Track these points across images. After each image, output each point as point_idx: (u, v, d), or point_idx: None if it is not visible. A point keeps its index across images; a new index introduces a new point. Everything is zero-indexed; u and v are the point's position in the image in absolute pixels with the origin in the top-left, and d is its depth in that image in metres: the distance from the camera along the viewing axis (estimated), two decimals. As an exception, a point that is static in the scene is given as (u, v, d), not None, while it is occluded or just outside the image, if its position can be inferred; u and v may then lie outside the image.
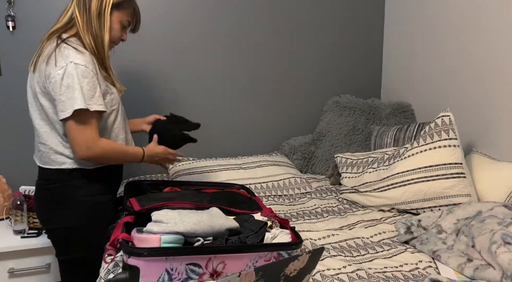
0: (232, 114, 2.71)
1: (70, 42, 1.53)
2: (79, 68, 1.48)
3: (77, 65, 1.48)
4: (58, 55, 1.50)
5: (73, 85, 1.47)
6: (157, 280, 1.21)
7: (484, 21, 2.21)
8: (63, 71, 1.47)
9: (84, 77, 1.49)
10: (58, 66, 1.48)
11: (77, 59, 1.49)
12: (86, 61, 1.51)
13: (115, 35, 1.65)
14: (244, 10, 2.63)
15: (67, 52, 1.50)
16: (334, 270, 1.48)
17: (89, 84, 1.50)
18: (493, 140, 2.19)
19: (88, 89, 1.49)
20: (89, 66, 1.51)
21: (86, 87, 1.49)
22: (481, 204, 1.77)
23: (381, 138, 2.54)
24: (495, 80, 2.17)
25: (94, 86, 1.51)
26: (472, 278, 1.46)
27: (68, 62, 1.48)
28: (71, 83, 1.47)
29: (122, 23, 1.65)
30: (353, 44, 2.89)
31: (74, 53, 1.50)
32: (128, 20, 1.67)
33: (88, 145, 1.52)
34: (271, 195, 2.31)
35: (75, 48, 1.52)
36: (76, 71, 1.47)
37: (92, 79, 1.51)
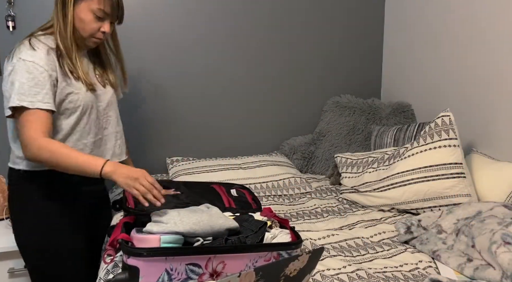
0: (232, 114, 2.71)
1: (34, 38, 1.49)
2: (26, 64, 1.41)
3: (24, 62, 1.42)
4: (16, 51, 1.46)
5: (14, 82, 1.41)
6: (157, 280, 1.21)
7: (484, 22, 2.20)
8: (12, 67, 1.43)
9: (29, 72, 1.41)
10: (10, 63, 1.45)
11: (26, 55, 1.42)
12: (37, 57, 1.43)
13: (87, 27, 1.50)
14: (244, 10, 2.63)
15: (21, 48, 1.45)
16: (334, 270, 1.48)
17: (33, 80, 1.41)
18: (493, 140, 2.19)
19: (31, 85, 1.41)
20: (39, 62, 1.43)
21: (29, 83, 1.41)
22: (481, 204, 1.77)
23: (381, 138, 2.54)
24: (495, 80, 2.16)
25: (40, 82, 1.42)
26: (472, 278, 1.46)
27: (18, 58, 1.43)
28: (14, 79, 1.41)
29: (95, 12, 1.49)
30: (353, 44, 2.89)
31: (26, 49, 1.44)
32: (100, 8, 1.49)
33: (25, 144, 1.41)
34: (271, 195, 2.31)
35: (32, 44, 1.45)
36: (21, 67, 1.41)
37: (40, 75, 1.42)
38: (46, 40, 1.50)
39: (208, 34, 2.59)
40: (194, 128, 2.65)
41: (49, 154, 1.38)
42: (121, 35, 1.76)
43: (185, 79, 2.59)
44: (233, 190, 1.83)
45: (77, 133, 1.56)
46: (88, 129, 1.58)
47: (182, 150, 2.64)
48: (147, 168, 2.48)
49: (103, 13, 1.50)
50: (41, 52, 1.45)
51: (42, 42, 1.49)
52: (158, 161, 2.59)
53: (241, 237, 1.33)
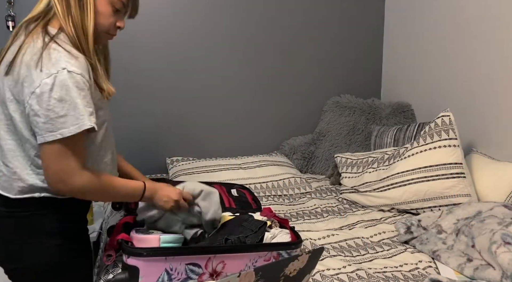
0: (232, 114, 2.71)
1: (60, 41, 1.19)
2: (74, 78, 1.14)
3: (71, 74, 1.14)
4: (46, 57, 1.15)
5: (68, 100, 1.14)
6: (157, 280, 1.21)
7: (484, 21, 2.20)
8: (53, 80, 1.12)
9: (80, 89, 1.15)
10: (44, 73, 1.13)
11: (71, 66, 1.15)
12: (81, 68, 1.17)
13: (106, 21, 1.26)
14: (244, 10, 2.63)
15: (57, 55, 1.15)
16: (334, 270, 1.48)
17: (85, 98, 1.17)
18: (493, 140, 2.19)
19: (85, 104, 1.16)
20: (85, 74, 1.18)
21: (83, 102, 1.16)
22: (481, 204, 1.77)
23: (381, 138, 2.54)
24: (495, 80, 2.16)
25: (90, 100, 1.19)
26: (472, 278, 1.46)
27: (60, 68, 1.13)
28: (65, 96, 1.13)
29: (114, 4, 1.27)
30: (353, 44, 2.89)
31: (67, 58, 1.16)
32: (121, 1, 1.28)
33: (62, 178, 1.18)
34: (271, 195, 2.31)
35: (68, 50, 1.18)
36: (71, 81, 1.14)
37: (88, 92, 1.18)
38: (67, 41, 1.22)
39: (208, 34, 2.59)
40: (194, 128, 2.65)
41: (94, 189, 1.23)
42: (121, 35, 1.75)
43: (185, 80, 2.59)
44: (233, 190, 1.83)
45: (102, 151, 1.33)
46: (109, 145, 1.36)
47: (182, 150, 2.64)
48: (147, 168, 2.50)
49: (122, 6, 1.29)
50: (83, 62, 1.19)
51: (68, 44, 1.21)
52: (158, 161, 2.59)
53: (241, 237, 1.33)
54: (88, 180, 1.21)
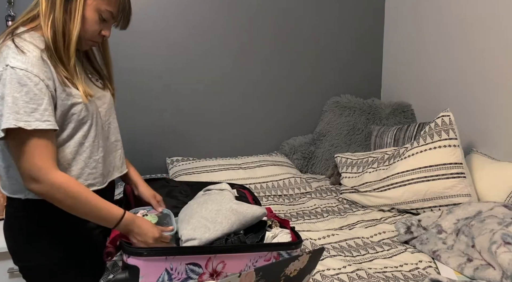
0: (232, 114, 2.71)
1: (19, 38, 1.18)
2: (16, 74, 1.12)
3: (14, 70, 1.12)
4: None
5: (5, 97, 1.12)
6: (157, 279, 1.21)
7: (484, 21, 2.20)
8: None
9: (22, 85, 1.12)
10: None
11: (16, 61, 1.13)
12: (29, 63, 1.14)
13: (90, 28, 1.25)
14: (243, 11, 2.63)
15: (6, 52, 1.15)
16: (334, 270, 1.48)
17: (28, 95, 1.13)
18: (493, 140, 2.19)
19: (26, 101, 1.12)
20: (32, 69, 1.14)
21: (23, 98, 1.12)
22: (481, 204, 1.78)
23: (381, 138, 2.54)
24: (495, 80, 2.16)
25: (37, 96, 1.14)
26: (472, 278, 1.46)
27: (4, 65, 1.13)
28: (4, 93, 1.12)
29: (101, 13, 1.25)
30: (353, 44, 2.89)
31: (14, 53, 1.14)
32: (110, 10, 1.26)
33: (30, 175, 1.16)
34: (271, 195, 2.31)
35: (19, 46, 1.16)
36: (11, 77, 1.12)
37: (35, 87, 1.14)
38: (33, 39, 1.20)
39: (208, 34, 2.59)
40: (194, 128, 2.64)
41: (64, 196, 1.18)
42: (121, 35, 1.75)
43: (185, 80, 2.59)
44: (234, 190, 1.83)
45: (87, 150, 1.30)
46: (97, 143, 1.33)
47: (182, 150, 2.64)
48: (147, 168, 2.50)
49: (110, 16, 1.27)
50: (33, 57, 1.16)
51: (30, 42, 1.19)
52: (158, 161, 2.59)
53: (241, 237, 1.33)
54: (60, 183, 1.17)
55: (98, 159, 1.32)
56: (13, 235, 1.31)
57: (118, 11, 1.28)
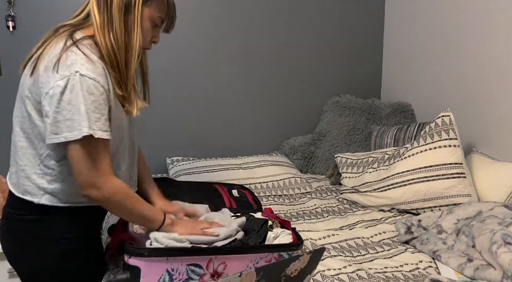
0: (232, 114, 2.71)
1: (82, 45, 1.19)
2: (86, 82, 1.14)
3: (84, 78, 1.13)
4: (63, 59, 1.15)
5: (76, 104, 1.13)
6: (158, 280, 1.21)
7: (484, 21, 2.20)
8: (65, 82, 1.13)
9: (90, 93, 1.14)
10: (59, 75, 1.14)
11: (86, 70, 1.14)
12: (97, 73, 1.16)
13: (146, 37, 1.27)
14: (243, 11, 2.63)
15: (74, 58, 1.15)
16: (335, 270, 1.48)
17: (94, 104, 1.15)
18: (493, 140, 2.19)
19: (92, 109, 1.15)
20: (99, 79, 1.16)
21: (90, 107, 1.14)
22: (481, 204, 1.78)
23: (381, 138, 2.54)
24: (496, 80, 2.17)
25: (101, 106, 1.17)
26: (472, 278, 1.46)
27: (73, 71, 1.13)
28: (73, 100, 1.13)
29: (154, 20, 1.27)
30: (353, 44, 2.89)
31: (83, 60, 1.15)
32: (161, 16, 1.28)
33: (93, 182, 1.19)
34: (271, 195, 2.31)
35: (86, 54, 1.17)
36: (82, 85, 1.13)
37: (100, 97, 1.16)
38: (93, 49, 1.21)
39: (208, 34, 2.59)
40: (194, 128, 2.64)
41: (121, 200, 1.23)
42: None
43: (185, 80, 2.59)
44: (234, 191, 1.83)
45: (115, 161, 1.30)
46: (123, 157, 1.34)
47: (182, 150, 2.64)
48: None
49: (160, 21, 1.29)
50: (100, 67, 1.18)
51: (91, 51, 1.20)
52: (158, 161, 2.59)
53: (243, 238, 1.33)
54: (117, 189, 1.21)
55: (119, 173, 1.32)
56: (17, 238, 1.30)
57: (166, 16, 1.30)
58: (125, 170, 1.35)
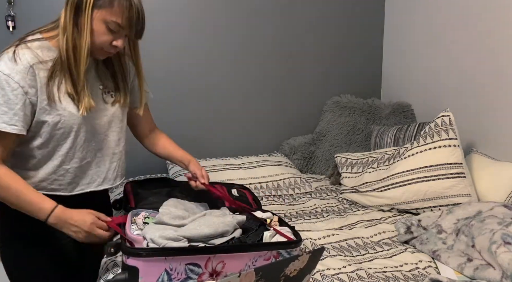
0: (232, 114, 2.71)
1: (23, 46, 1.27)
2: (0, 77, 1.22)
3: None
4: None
5: None
6: (157, 280, 1.21)
7: (484, 21, 2.20)
8: None
9: (1, 88, 1.23)
10: None
11: (4, 67, 1.23)
12: (15, 71, 1.23)
13: (98, 39, 1.29)
14: (243, 11, 2.63)
15: (3, 56, 1.25)
16: (334, 270, 1.48)
17: (3, 98, 1.22)
18: (493, 140, 2.19)
19: (0, 103, 1.23)
20: (14, 76, 1.23)
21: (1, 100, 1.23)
22: (481, 204, 1.77)
23: (381, 138, 2.54)
24: (495, 80, 2.16)
25: (10, 101, 1.23)
26: (472, 278, 1.46)
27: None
28: None
29: (108, 24, 1.28)
30: (353, 44, 2.89)
31: (7, 59, 1.24)
32: (116, 21, 1.27)
33: None
34: (271, 195, 2.31)
35: (16, 54, 1.25)
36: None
37: (11, 92, 1.23)
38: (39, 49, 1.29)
39: (207, 35, 2.59)
40: (194, 128, 2.64)
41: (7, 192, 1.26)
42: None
43: (185, 79, 2.59)
44: (234, 190, 1.83)
45: (59, 159, 1.36)
46: (71, 154, 1.38)
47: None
48: (147, 168, 2.50)
49: (117, 27, 1.28)
50: (22, 66, 1.24)
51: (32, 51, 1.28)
52: (158, 161, 2.58)
53: (241, 237, 1.33)
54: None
55: (69, 169, 1.38)
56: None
57: (126, 22, 1.29)
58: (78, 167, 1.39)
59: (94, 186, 1.46)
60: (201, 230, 1.27)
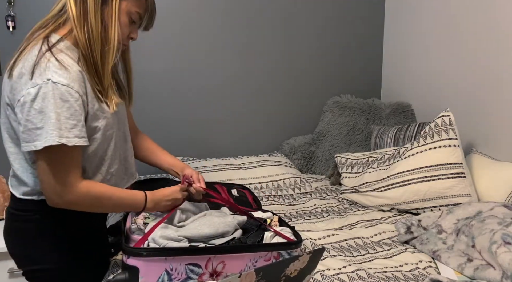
0: (232, 114, 2.71)
1: (57, 50, 1.17)
2: (58, 89, 1.11)
3: (56, 86, 1.11)
4: (37, 66, 1.13)
5: (47, 112, 1.10)
6: (157, 280, 1.21)
7: (484, 21, 2.20)
8: (37, 90, 1.10)
9: (64, 101, 1.12)
10: (32, 82, 1.11)
11: (58, 76, 1.12)
12: (70, 79, 1.14)
13: (123, 32, 1.25)
14: (244, 11, 2.63)
15: (46, 65, 1.13)
16: (334, 270, 1.48)
17: (69, 111, 1.12)
18: (493, 140, 2.19)
19: (67, 117, 1.12)
20: (73, 85, 1.14)
21: (64, 114, 1.12)
22: (481, 204, 1.77)
23: (381, 138, 2.54)
24: (495, 80, 2.16)
25: (77, 112, 1.14)
26: (472, 278, 1.46)
27: (45, 79, 1.11)
28: (44, 108, 1.10)
29: (131, 15, 1.25)
30: (353, 44, 2.89)
31: (55, 68, 1.13)
32: (139, 12, 1.26)
33: (57, 192, 1.16)
34: (271, 195, 2.31)
35: (60, 60, 1.15)
36: (54, 92, 1.10)
37: (75, 103, 1.14)
38: (68, 51, 1.20)
39: (208, 35, 2.59)
40: (194, 128, 2.65)
41: (89, 202, 1.22)
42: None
43: (185, 80, 2.59)
44: (234, 190, 1.83)
45: (106, 163, 1.30)
46: (114, 156, 1.33)
47: (182, 150, 2.64)
48: (147, 168, 2.49)
49: (138, 17, 1.27)
50: (74, 72, 1.16)
51: (66, 54, 1.18)
52: (158, 161, 2.58)
53: (241, 237, 1.33)
54: (84, 193, 1.19)
55: (113, 172, 1.33)
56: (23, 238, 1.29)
57: (145, 12, 1.28)
58: (118, 167, 1.35)
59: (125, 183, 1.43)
60: (201, 230, 1.27)
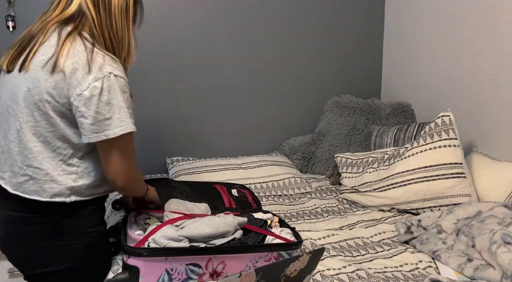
0: (232, 114, 2.71)
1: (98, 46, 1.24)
2: (119, 82, 1.21)
3: (117, 78, 1.21)
4: (91, 61, 1.20)
5: (116, 103, 1.21)
6: (157, 280, 1.21)
7: (484, 21, 2.20)
8: (101, 83, 1.19)
9: (124, 92, 1.23)
10: (92, 76, 1.18)
11: (116, 70, 1.22)
12: (123, 72, 1.25)
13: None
14: (245, 11, 2.63)
15: (101, 59, 1.21)
16: (334, 270, 1.48)
17: (128, 101, 1.25)
18: (493, 140, 2.19)
19: (128, 106, 1.24)
20: (125, 78, 1.25)
21: (127, 104, 1.23)
22: (481, 204, 1.77)
23: (381, 138, 2.54)
24: (495, 80, 2.16)
25: (130, 102, 1.27)
26: (472, 278, 1.46)
27: (107, 73, 1.20)
28: (111, 99, 1.20)
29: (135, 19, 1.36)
30: (353, 44, 2.89)
31: (111, 62, 1.22)
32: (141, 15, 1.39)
33: (131, 175, 1.29)
34: (271, 195, 2.31)
35: (109, 54, 1.24)
36: (117, 85, 1.21)
37: (128, 94, 1.26)
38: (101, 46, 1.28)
39: (208, 34, 2.59)
40: (194, 128, 2.64)
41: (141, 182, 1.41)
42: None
43: (185, 80, 2.59)
44: (234, 190, 1.84)
45: None
46: None
47: (182, 150, 2.64)
48: (147, 168, 2.50)
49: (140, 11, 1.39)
50: (121, 65, 1.27)
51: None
52: (158, 161, 2.59)
53: (241, 238, 1.33)
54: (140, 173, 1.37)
55: None
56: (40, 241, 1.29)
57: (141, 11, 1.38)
58: None
59: None
60: (202, 230, 1.27)
